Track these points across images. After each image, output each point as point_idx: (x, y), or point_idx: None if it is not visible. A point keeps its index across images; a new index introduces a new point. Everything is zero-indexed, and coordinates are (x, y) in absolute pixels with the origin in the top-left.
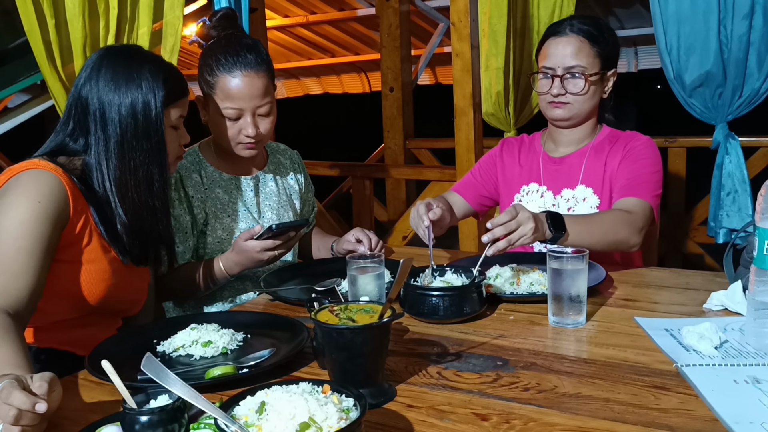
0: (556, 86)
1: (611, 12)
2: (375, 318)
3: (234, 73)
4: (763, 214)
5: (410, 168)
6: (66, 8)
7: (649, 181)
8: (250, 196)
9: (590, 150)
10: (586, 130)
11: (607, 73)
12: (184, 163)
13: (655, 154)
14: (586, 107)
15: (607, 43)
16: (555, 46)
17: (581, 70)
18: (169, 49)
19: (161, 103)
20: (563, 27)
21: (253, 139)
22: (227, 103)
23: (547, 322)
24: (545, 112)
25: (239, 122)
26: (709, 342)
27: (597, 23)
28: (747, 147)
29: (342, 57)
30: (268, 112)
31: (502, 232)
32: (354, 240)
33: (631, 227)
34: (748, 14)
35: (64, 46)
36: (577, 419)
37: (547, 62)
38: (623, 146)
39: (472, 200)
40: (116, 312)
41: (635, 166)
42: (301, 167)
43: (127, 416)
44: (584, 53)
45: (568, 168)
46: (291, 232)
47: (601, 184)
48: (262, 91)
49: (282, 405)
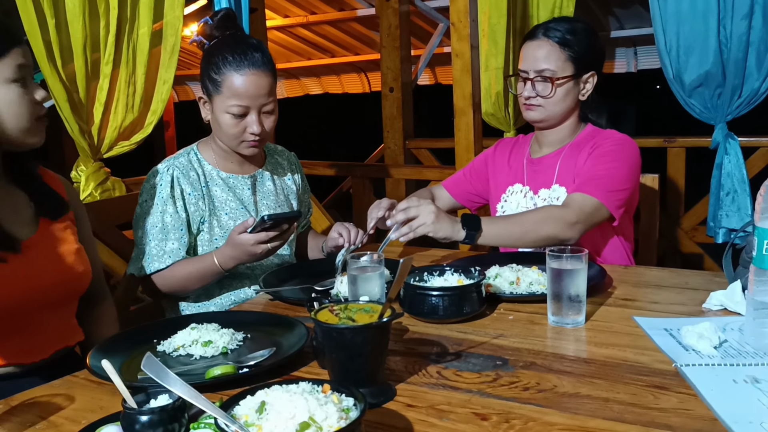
0: (527, 89)
1: (610, 12)
2: (375, 318)
3: (242, 71)
4: (763, 214)
5: (410, 168)
6: (66, 8)
7: (603, 176)
8: (248, 195)
9: (566, 150)
10: (565, 131)
11: (583, 76)
12: (182, 160)
13: (623, 151)
14: (557, 110)
15: (581, 47)
16: (527, 50)
17: (550, 73)
18: (169, 49)
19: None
20: (537, 31)
21: (258, 137)
22: (234, 100)
23: (546, 322)
24: (522, 113)
25: (245, 120)
26: (709, 342)
27: (573, 27)
28: (746, 147)
29: (342, 57)
30: (272, 110)
31: (403, 216)
32: (336, 235)
33: (559, 222)
34: (747, 14)
35: (64, 46)
36: (577, 419)
37: (521, 65)
38: (593, 144)
39: (458, 196)
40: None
41: (596, 162)
42: (298, 168)
43: (127, 416)
44: (554, 57)
45: (545, 168)
46: (284, 224)
47: (573, 182)
48: (267, 89)
49: (282, 405)
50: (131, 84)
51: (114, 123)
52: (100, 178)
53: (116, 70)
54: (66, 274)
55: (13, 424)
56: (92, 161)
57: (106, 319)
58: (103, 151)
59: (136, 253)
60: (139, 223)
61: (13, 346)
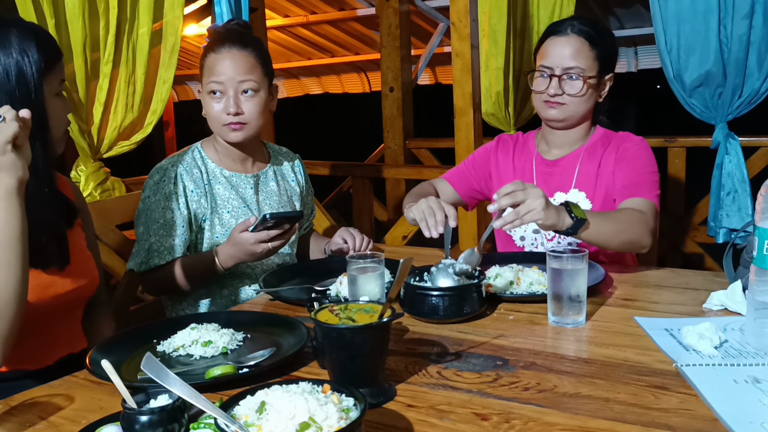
0: (553, 86)
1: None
2: (375, 318)
3: (219, 51)
4: (763, 214)
5: (410, 168)
6: (66, 8)
7: (649, 181)
8: (250, 194)
9: (584, 153)
10: (579, 132)
11: (604, 77)
12: (186, 158)
13: (650, 154)
14: (581, 109)
15: (606, 46)
16: (554, 46)
17: (579, 71)
18: (168, 48)
19: (38, 70)
20: (564, 27)
21: (237, 119)
22: (211, 77)
23: (546, 322)
24: (540, 111)
25: (222, 101)
26: (709, 342)
27: (597, 26)
28: (747, 147)
29: (342, 57)
30: (254, 92)
31: (508, 201)
32: (341, 240)
33: (644, 227)
34: (748, 14)
35: (64, 46)
36: (577, 419)
37: (545, 61)
38: (617, 148)
39: (462, 191)
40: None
41: (633, 166)
42: (302, 170)
43: (127, 416)
44: (584, 55)
45: (561, 171)
46: (286, 224)
47: (594, 187)
48: (245, 68)
49: (282, 405)
50: (131, 84)
51: (114, 123)
52: (99, 178)
53: (116, 69)
54: (78, 282)
55: (12, 424)
56: (92, 161)
57: (103, 323)
58: (103, 151)
59: (137, 248)
60: (141, 218)
61: (20, 353)
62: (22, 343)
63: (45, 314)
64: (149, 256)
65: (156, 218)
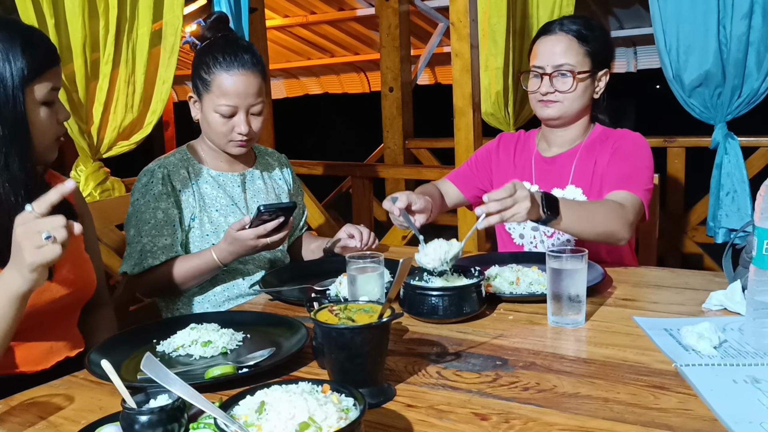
0: (545, 84)
1: (610, 12)
2: (374, 318)
3: (231, 71)
4: (762, 214)
5: (410, 168)
6: (66, 8)
7: (640, 176)
8: (238, 192)
9: (581, 149)
10: (577, 129)
11: (598, 73)
12: (172, 159)
13: (646, 150)
14: (575, 106)
15: (597, 43)
16: (544, 45)
17: (570, 68)
18: (168, 48)
19: (20, 78)
20: (553, 26)
21: (245, 137)
22: (223, 100)
23: (546, 322)
24: (536, 111)
25: (233, 120)
26: (709, 342)
27: (588, 23)
28: (746, 147)
29: (341, 57)
30: (260, 111)
31: (497, 207)
32: (346, 235)
33: (622, 220)
34: (747, 14)
35: (64, 46)
36: (577, 419)
37: (536, 61)
38: (613, 144)
39: (466, 191)
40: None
41: (626, 161)
42: (290, 170)
43: (127, 416)
44: (573, 51)
45: (559, 168)
46: (281, 216)
47: (590, 183)
48: (256, 90)
49: (282, 405)
50: (131, 84)
51: (113, 123)
52: (99, 178)
53: (116, 69)
54: (73, 286)
55: (12, 424)
56: (92, 161)
57: (104, 325)
58: (103, 151)
59: (129, 251)
60: (131, 221)
61: (17, 356)
62: (17, 347)
63: (39, 319)
64: (142, 257)
65: (147, 219)
